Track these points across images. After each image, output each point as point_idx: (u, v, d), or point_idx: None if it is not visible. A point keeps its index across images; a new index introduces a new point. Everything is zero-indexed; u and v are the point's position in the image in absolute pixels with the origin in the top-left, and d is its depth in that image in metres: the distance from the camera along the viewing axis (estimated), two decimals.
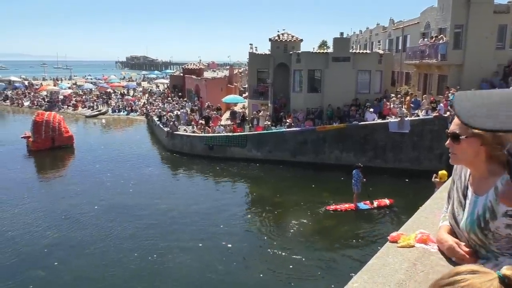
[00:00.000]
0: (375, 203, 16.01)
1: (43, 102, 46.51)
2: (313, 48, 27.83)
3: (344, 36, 26.36)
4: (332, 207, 15.86)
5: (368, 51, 27.04)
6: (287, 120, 23.09)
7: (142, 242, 13.06)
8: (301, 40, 26.67)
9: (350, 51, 24.63)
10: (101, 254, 12.21)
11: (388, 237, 2.73)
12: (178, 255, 12.19)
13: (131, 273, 11.20)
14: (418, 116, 20.67)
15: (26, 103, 47.79)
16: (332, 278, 10.90)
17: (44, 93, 50.54)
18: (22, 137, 26.33)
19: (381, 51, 25.56)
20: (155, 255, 12.11)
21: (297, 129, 22.29)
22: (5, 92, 52.62)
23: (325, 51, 25.97)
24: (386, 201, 16.09)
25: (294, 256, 12.18)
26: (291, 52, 25.09)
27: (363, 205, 15.96)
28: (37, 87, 56.78)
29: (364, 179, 15.49)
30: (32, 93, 51.53)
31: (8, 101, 49.78)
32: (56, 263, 11.63)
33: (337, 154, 21.57)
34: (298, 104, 24.42)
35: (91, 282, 10.80)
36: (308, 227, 14.42)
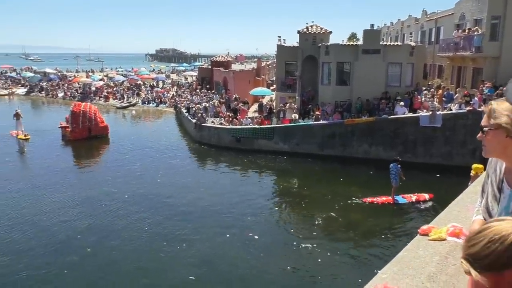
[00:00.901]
0: (414, 198, 15.71)
1: (76, 93, 47.88)
2: (342, 40, 27.43)
3: (375, 28, 25.84)
4: (369, 199, 15.70)
5: (399, 43, 26.39)
6: (315, 113, 22.93)
7: (171, 231, 13.32)
8: (330, 32, 26.32)
9: (381, 43, 24.13)
10: (131, 242, 12.55)
11: (419, 230, 2.71)
12: (206, 245, 12.38)
13: (160, 261, 11.47)
14: (451, 110, 20.10)
15: (60, 94, 49.34)
16: (360, 270, 10.83)
17: (77, 84, 52.01)
18: (59, 127, 27.26)
19: (413, 43, 24.89)
20: (184, 244, 12.35)
21: (325, 122, 22.11)
22: (40, 83, 54.44)
23: (355, 43, 25.55)
24: (425, 196, 15.74)
25: (321, 249, 12.17)
26: (319, 45, 24.81)
27: (402, 199, 15.67)
28: (70, 79, 58.52)
29: (401, 174, 15.17)
30: (66, 85, 53.13)
31: (43, 92, 51.50)
32: (89, 249, 12.04)
33: (365, 148, 21.29)
34: (326, 97, 24.19)
35: (121, 268, 11.14)
36: (335, 221, 14.34)
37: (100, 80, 55.64)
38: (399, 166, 15.24)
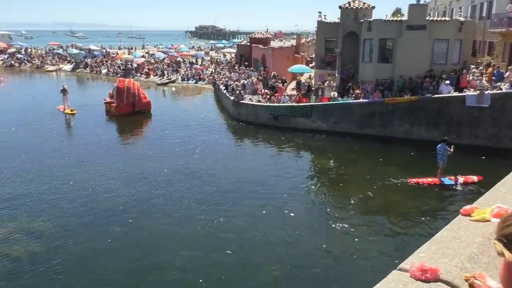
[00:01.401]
0: (461, 179, 15.21)
1: (118, 70, 49.15)
2: (386, 16, 26.34)
3: (421, 2, 24.63)
4: (414, 180, 15.36)
5: (447, 19, 25.07)
6: (355, 91, 22.40)
7: (208, 206, 13.63)
8: (373, 7, 25.36)
9: (427, 18, 23.02)
10: (169, 215, 12.96)
11: (461, 210, 2.61)
12: (242, 221, 12.60)
13: (198, 234, 11.81)
14: (501, 89, 19.05)
15: (104, 71, 50.82)
16: (398, 250, 10.72)
17: (120, 61, 53.32)
18: (104, 103, 28.23)
19: (462, 18, 23.58)
20: (221, 219, 12.62)
21: (365, 100, 21.59)
22: (85, 60, 56.22)
23: (399, 19, 24.51)
24: (474, 178, 15.18)
25: (358, 228, 12.10)
26: (361, 20, 24.02)
27: (448, 180, 15.21)
28: (113, 55, 60.04)
29: (450, 152, 14.61)
30: (109, 61, 54.60)
31: (88, 68, 53.22)
32: (130, 221, 12.55)
33: (406, 127, 20.67)
34: (367, 74, 23.54)
35: (160, 240, 11.56)
36: (373, 200, 14.15)
37: (142, 57, 56.70)
38: (447, 146, 14.71)
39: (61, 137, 22.61)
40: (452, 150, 14.62)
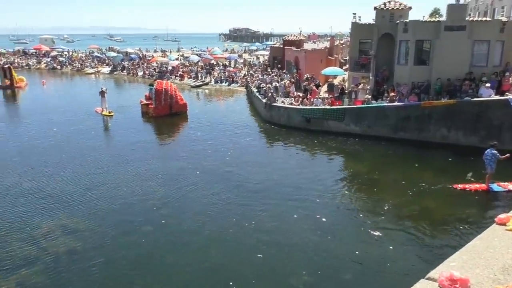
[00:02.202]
0: (511, 186, 14.63)
1: (154, 72, 50.35)
2: (423, 16, 25.67)
3: (461, 2, 23.86)
4: (461, 185, 14.90)
5: (488, 19, 24.15)
6: (390, 94, 21.96)
7: (239, 207, 13.73)
8: (410, 8, 24.79)
9: (467, 19, 22.28)
10: (201, 216, 13.14)
11: (496, 219, 2.52)
12: (273, 224, 12.61)
13: (229, 236, 11.91)
14: None
15: (140, 73, 52.21)
16: (430, 258, 10.39)
17: (155, 64, 54.60)
18: (142, 104, 29.01)
19: (504, 18, 22.65)
20: (252, 222, 12.68)
21: (400, 104, 21.12)
22: (122, 62, 57.94)
23: (437, 19, 23.84)
24: None
25: (390, 235, 11.86)
26: (397, 21, 23.53)
27: (497, 187, 14.64)
28: (149, 58, 61.54)
29: (503, 158, 14.00)
30: (145, 64, 56.02)
31: (125, 71, 54.82)
32: (163, 221, 12.82)
33: (443, 132, 20.06)
34: (402, 77, 23.02)
35: (191, 241, 11.74)
36: (407, 207, 13.82)
37: (176, 59, 57.83)
38: (496, 152, 14.15)
39: (99, 137, 23.37)
40: (506, 156, 14.01)
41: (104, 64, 60.43)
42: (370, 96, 22.88)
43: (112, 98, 31.55)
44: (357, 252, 10.96)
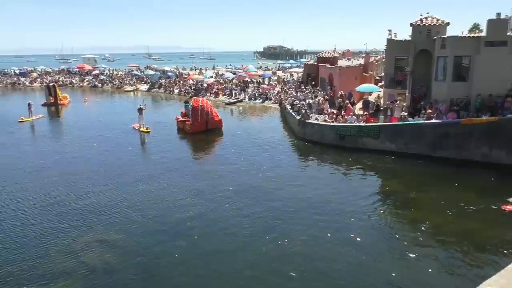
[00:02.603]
0: None
1: (190, 89, 51.51)
2: (462, 32, 25.06)
3: (502, 17, 23.15)
4: (509, 207, 14.28)
5: None
6: (427, 111, 21.42)
7: (272, 225, 13.65)
8: (448, 24, 24.29)
9: (508, 34, 21.56)
10: (234, 232, 13.16)
11: None
12: (306, 242, 12.43)
13: (262, 253, 11.84)
14: None
15: (176, 91, 53.55)
16: (467, 280, 9.92)
17: (191, 81, 55.88)
18: (179, 121, 29.71)
19: None
20: (285, 240, 12.56)
21: (438, 121, 20.54)
22: (160, 80, 59.69)
23: (476, 35, 23.21)
24: None
25: (428, 256, 11.42)
26: (434, 37, 23.07)
27: None
28: (185, 76, 63.10)
29: None
30: (181, 82, 57.44)
31: (162, 88, 56.40)
32: (196, 236, 12.93)
33: (485, 150, 19.29)
34: (440, 94, 22.43)
35: (224, 256, 11.76)
36: (446, 228, 13.30)
37: (211, 77, 58.96)
38: None
39: (136, 153, 23.99)
40: None
41: (142, 82, 62.45)
42: (406, 113, 22.41)
43: (149, 115, 32.43)
44: (393, 274, 10.62)
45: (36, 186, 17.97)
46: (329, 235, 12.88)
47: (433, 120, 20.71)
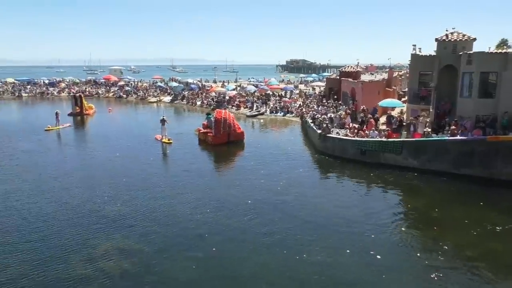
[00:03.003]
0: None
1: (212, 102, 52.04)
2: (489, 48, 24.62)
3: None
4: None
5: None
6: (451, 128, 21.00)
7: (290, 239, 13.53)
8: (474, 40, 23.92)
9: None
10: (252, 246, 13.09)
11: None
12: (325, 258, 12.26)
13: (280, 268, 11.74)
14: None
15: (198, 103, 54.18)
16: None
17: (214, 94, 56.47)
18: (201, 132, 30.07)
19: None
20: (304, 255, 12.43)
21: (463, 138, 20.09)
22: (183, 92, 60.56)
23: (504, 51, 22.74)
24: None
25: (450, 278, 11.08)
26: (460, 53, 22.73)
27: None
28: (208, 88, 63.85)
29: None
30: (204, 94, 58.13)
31: (184, 100, 57.19)
32: (214, 248, 12.92)
33: (511, 169, 18.72)
34: (465, 110, 22.00)
35: (241, 270, 11.70)
36: (470, 248, 12.90)
37: (234, 90, 59.45)
38: None
39: (157, 164, 24.26)
40: None
41: (166, 94, 63.49)
42: (430, 129, 22.02)
43: (171, 126, 32.85)
44: None
45: (59, 193, 18.35)
46: (348, 251, 12.67)
47: (458, 137, 20.26)
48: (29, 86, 74.93)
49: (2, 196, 17.92)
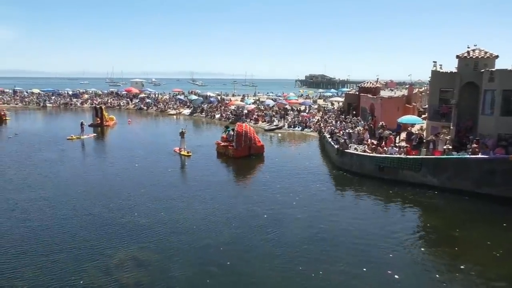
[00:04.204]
0: None
1: (230, 115, 52.38)
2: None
3: None
4: None
5: None
6: (472, 146, 20.57)
7: (306, 255, 13.36)
8: (496, 57, 23.54)
9: None
10: (266, 262, 12.97)
11: None
12: (341, 277, 12.05)
13: (293, 286, 11.59)
14: None
15: (217, 116, 54.60)
16: None
17: (233, 107, 56.86)
18: (221, 145, 30.35)
19: None
20: (320, 272, 12.26)
21: (484, 156, 19.64)
22: (202, 105, 61.18)
23: None
24: None
25: None
26: (482, 70, 22.39)
27: None
28: (227, 102, 64.36)
29: None
30: (223, 107, 58.59)
31: (203, 113, 57.73)
32: (228, 262, 12.85)
33: None
34: (487, 128, 21.56)
35: (258, 285, 11.61)
36: (493, 270, 12.49)
37: (252, 103, 59.76)
38: None
39: (176, 176, 24.42)
40: None
41: (185, 107, 64.24)
42: (450, 147, 21.62)
43: (190, 139, 33.13)
44: None
45: (79, 202, 18.62)
46: (365, 269, 12.43)
47: (479, 155, 19.83)
48: (53, 97, 77.03)
49: (25, 203, 18.31)
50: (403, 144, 25.17)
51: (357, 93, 43.20)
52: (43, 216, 16.78)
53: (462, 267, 12.73)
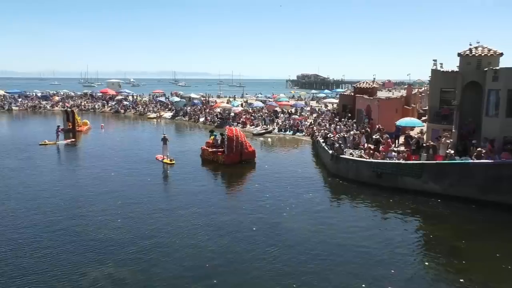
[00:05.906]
0: None
1: (216, 118, 52.23)
2: None
3: None
4: None
5: None
6: (476, 150, 20.74)
7: (299, 270, 13.27)
8: (501, 54, 23.86)
9: None
10: (256, 276, 12.85)
11: None
12: None
13: None
14: None
15: (201, 119, 54.40)
16: None
17: (218, 110, 56.72)
18: (210, 151, 30.04)
19: None
20: (314, 283, 12.14)
21: (489, 161, 19.81)
22: (185, 108, 60.91)
23: None
24: None
25: None
26: (485, 69, 22.65)
27: None
28: (212, 104, 64.21)
29: None
30: (207, 110, 58.41)
31: (186, 116, 57.47)
32: (215, 281, 12.63)
33: None
34: (492, 131, 21.77)
35: None
36: (503, 284, 12.54)
37: (240, 105, 59.69)
38: None
39: (157, 186, 24.10)
40: None
41: (167, 109, 63.87)
42: (453, 151, 21.77)
43: (172, 144, 32.78)
44: None
45: (46, 215, 18.25)
46: (363, 285, 12.35)
47: (484, 160, 19.99)
48: (20, 99, 75.97)
49: None
50: (402, 148, 25.32)
51: (352, 94, 43.36)
52: (4, 231, 16.39)
53: (469, 282, 12.74)
